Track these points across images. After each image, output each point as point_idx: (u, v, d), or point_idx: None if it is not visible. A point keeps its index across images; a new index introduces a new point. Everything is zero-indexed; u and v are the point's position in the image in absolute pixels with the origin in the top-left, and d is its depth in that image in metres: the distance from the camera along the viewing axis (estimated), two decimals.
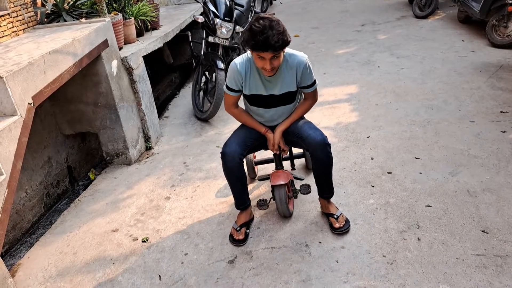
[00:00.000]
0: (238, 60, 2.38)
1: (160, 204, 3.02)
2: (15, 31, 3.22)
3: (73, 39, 2.86)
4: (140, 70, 3.69)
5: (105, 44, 3.22)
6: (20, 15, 3.25)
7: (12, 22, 3.19)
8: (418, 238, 2.38)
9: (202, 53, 4.37)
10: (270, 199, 2.67)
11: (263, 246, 2.48)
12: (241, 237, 2.52)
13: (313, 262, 2.31)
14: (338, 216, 2.52)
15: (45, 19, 3.45)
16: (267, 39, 2.06)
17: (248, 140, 2.49)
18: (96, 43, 3.10)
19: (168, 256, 2.51)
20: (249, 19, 4.83)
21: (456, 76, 4.54)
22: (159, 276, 2.38)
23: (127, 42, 3.80)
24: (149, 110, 3.86)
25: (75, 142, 3.74)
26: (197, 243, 2.57)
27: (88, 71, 3.25)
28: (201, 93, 4.48)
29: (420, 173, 2.95)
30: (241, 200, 2.58)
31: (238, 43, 4.60)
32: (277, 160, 2.62)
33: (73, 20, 3.46)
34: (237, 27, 4.39)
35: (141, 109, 3.73)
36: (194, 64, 4.66)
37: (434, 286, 2.06)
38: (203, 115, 4.25)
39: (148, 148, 3.87)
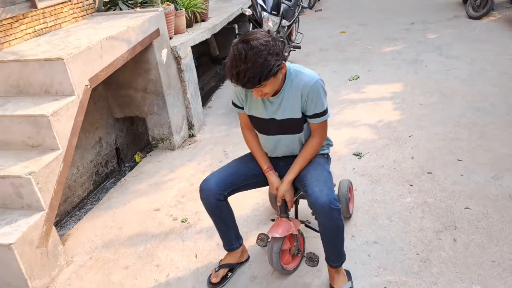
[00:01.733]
0: None
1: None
2: (75, 17, 3.44)
3: (128, 27, 3.02)
4: (188, 60, 3.83)
5: (157, 33, 3.38)
6: (80, 2, 3.46)
7: (72, 9, 3.40)
8: (454, 239, 2.36)
9: None
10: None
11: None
12: (214, 280, 2.22)
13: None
14: None
15: (103, 7, 3.66)
16: (239, 74, 1.71)
17: (236, 178, 2.13)
18: (148, 32, 3.26)
19: (205, 237, 2.62)
20: (296, 14, 4.86)
21: (507, 79, 4.37)
22: (196, 255, 2.50)
23: (177, 32, 3.94)
24: (194, 99, 4.00)
25: (124, 126, 3.94)
26: None
27: (140, 58, 3.42)
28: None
29: (462, 175, 2.90)
30: (226, 241, 2.27)
31: (283, 37, 4.65)
32: (282, 205, 2.16)
33: (128, 9, 3.64)
34: (284, 21, 4.44)
35: (187, 97, 3.87)
36: None
37: (467, 286, 2.05)
38: None
39: (191, 136, 4.01)
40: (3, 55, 2.66)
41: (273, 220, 2.27)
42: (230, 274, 2.29)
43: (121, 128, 3.91)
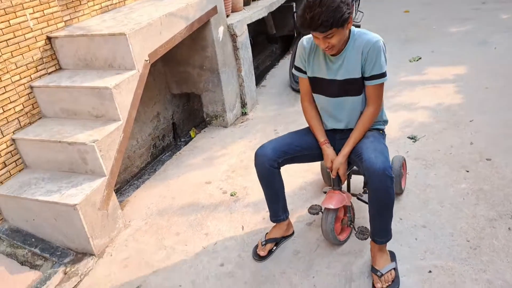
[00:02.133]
0: (306, 37, 2.13)
1: (249, 165, 3.22)
2: None
3: (187, 4, 3.12)
4: (244, 38, 3.88)
5: (214, 10, 3.45)
6: None
7: None
8: (509, 228, 2.26)
9: None
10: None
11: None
12: (262, 253, 2.30)
13: None
14: (382, 274, 2.02)
15: None
16: (313, 17, 1.79)
17: (292, 148, 2.17)
18: (206, 9, 3.34)
19: (252, 211, 2.71)
20: None
21: None
22: (242, 226, 2.59)
23: (234, 10, 3.99)
24: (248, 77, 4.05)
25: (180, 102, 4.10)
26: None
27: (197, 36, 3.52)
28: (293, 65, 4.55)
29: None
30: (273, 212, 2.32)
31: None
32: (336, 178, 2.19)
33: None
34: None
35: (241, 75, 3.94)
36: (295, 35, 4.73)
37: None
38: (298, 86, 4.32)
39: (244, 114, 4.09)
40: (73, 30, 2.85)
41: (325, 192, 2.34)
42: (275, 248, 2.35)
43: (177, 104, 4.07)
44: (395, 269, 2.07)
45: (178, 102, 4.06)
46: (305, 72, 2.16)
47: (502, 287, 1.94)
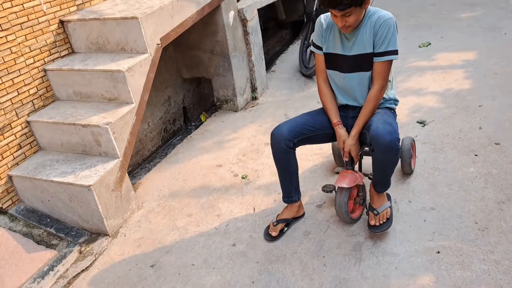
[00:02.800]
0: (324, 14, 2.21)
1: (260, 149, 3.26)
2: None
3: None
4: (254, 23, 3.88)
5: None
6: None
7: None
8: None
9: (314, 10, 4.41)
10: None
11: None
12: (274, 233, 2.35)
13: (399, 217, 2.37)
14: (378, 213, 2.22)
15: None
16: None
17: (306, 128, 2.22)
18: None
19: (263, 193, 2.75)
20: None
21: None
22: (254, 208, 2.64)
23: None
24: (258, 62, 4.07)
25: (191, 86, 4.13)
26: None
27: (208, 20, 3.53)
28: (309, 49, 4.55)
29: None
30: (286, 192, 2.36)
31: None
32: (348, 160, 2.25)
33: None
34: None
35: (251, 60, 3.95)
36: (305, 20, 4.72)
37: None
38: (307, 71, 4.34)
39: (254, 98, 4.11)
40: (85, 14, 2.88)
41: (337, 173, 2.41)
42: (286, 228, 2.40)
43: (188, 89, 4.10)
44: (390, 207, 2.26)
45: (188, 86, 4.09)
46: (321, 48, 2.22)
47: (509, 267, 1.97)
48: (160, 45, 2.83)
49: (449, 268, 2.02)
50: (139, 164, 3.50)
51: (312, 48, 2.30)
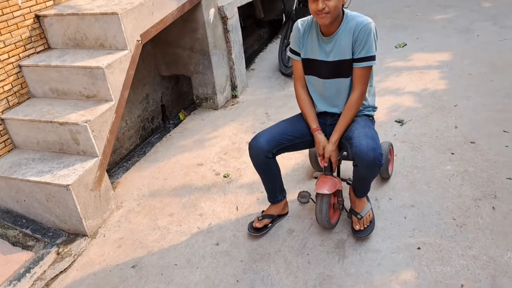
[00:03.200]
0: (301, 19, 2.18)
1: (241, 147, 3.25)
2: None
3: None
4: (234, 20, 3.86)
5: None
6: None
7: None
8: (493, 207, 2.36)
9: (294, 8, 4.43)
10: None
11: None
12: (258, 225, 2.34)
13: (381, 215, 2.41)
14: (362, 217, 2.24)
15: None
16: None
17: (285, 138, 2.20)
18: None
19: (246, 192, 2.74)
20: None
21: None
22: (236, 207, 2.63)
23: None
24: (238, 60, 4.05)
25: (170, 84, 4.08)
26: None
27: (188, 17, 3.49)
28: (288, 48, 4.56)
29: (507, 146, 2.85)
30: (271, 194, 2.38)
31: None
32: (328, 165, 2.23)
33: None
34: None
35: (231, 58, 3.93)
36: (284, 19, 4.74)
37: (501, 253, 2.07)
38: (287, 70, 4.36)
39: (234, 96, 4.10)
40: (62, 9, 2.79)
41: (315, 177, 2.34)
42: (270, 224, 2.39)
43: (167, 86, 4.05)
44: (371, 209, 2.30)
45: (167, 84, 4.04)
46: (299, 55, 2.19)
47: (487, 262, 2.04)
48: (140, 42, 2.78)
49: (430, 264, 2.07)
50: (117, 163, 3.44)
51: (289, 53, 2.26)
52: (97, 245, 2.49)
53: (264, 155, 2.15)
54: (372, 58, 2.04)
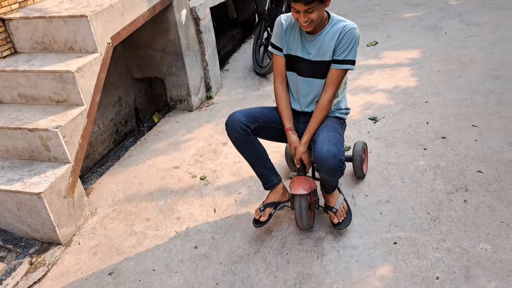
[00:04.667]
0: (284, 15, 2.18)
1: (217, 148, 3.23)
2: None
3: None
4: (207, 21, 3.84)
5: None
6: None
7: None
8: (465, 200, 2.43)
9: (266, 8, 4.44)
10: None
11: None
12: (263, 218, 2.23)
13: (357, 211, 2.44)
14: (336, 210, 2.25)
15: None
16: None
17: (260, 117, 2.17)
18: None
19: (223, 194, 2.73)
20: None
21: None
22: (214, 209, 2.61)
23: None
24: (212, 61, 4.03)
25: (142, 86, 4.02)
26: (250, 185, 2.77)
27: (159, 18, 3.44)
28: (262, 48, 4.58)
29: (476, 140, 2.93)
30: (264, 178, 2.28)
31: None
32: (301, 166, 2.22)
33: None
34: None
35: (205, 59, 3.91)
36: (257, 19, 4.74)
37: (474, 244, 2.13)
38: (262, 70, 4.36)
39: (209, 98, 4.07)
40: (28, 12, 2.71)
41: (291, 178, 2.32)
42: (273, 211, 2.28)
43: (140, 89, 3.99)
44: (345, 199, 2.32)
45: (140, 86, 3.98)
46: (281, 50, 2.18)
47: (461, 254, 2.09)
48: (111, 44, 2.73)
49: (406, 258, 2.11)
50: (90, 168, 3.36)
51: (270, 48, 2.24)
52: (72, 253, 2.43)
53: (241, 128, 2.09)
54: (352, 62, 2.06)
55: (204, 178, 2.91)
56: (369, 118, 3.36)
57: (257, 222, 2.26)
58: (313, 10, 1.91)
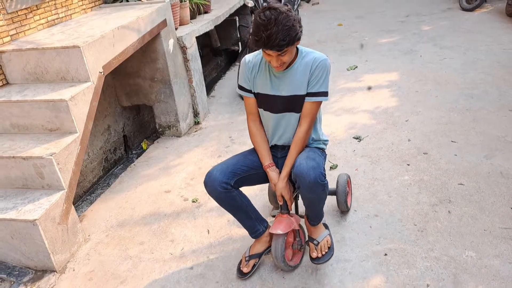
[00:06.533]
0: (249, 55, 2.11)
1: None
2: (84, 9, 3.57)
3: (137, 17, 3.16)
4: (193, 50, 3.97)
5: (164, 23, 3.52)
6: None
7: (81, 0, 3.53)
8: (449, 211, 2.54)
9: (249, 36, 4.61)
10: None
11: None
12: (245, 269, 2.23)
13: (348, 226, 2.52)
14: (318, 242, 2.19)
15: None
16: (270, 36, 1.76)
17: (239, 168, 2.11)
18: (156, 22, 3.40)
19: (215, 215, 2.78)
20: (296, 7, 5.00)
21: (499, 67, 4.55)
22: (208, 230, 2.65)
23: (181, 23, 4.08)
24: (199, 88, 4.14)
25: (131, 114, 4.09)
26: None
27: (148, 48, 3.56)
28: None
29: (456, 155, 3.08)
30: (250, 229, 2.26)
31: None
32: (283, 203, 2.15)
33: (135, 0, 3.78)
34: None
35: (192, 86, 4.02)
36: (240, 47, 4.90)
37: (460, 252, 2.23)
38: None
39: (197, 123, 4.16)
40: (20, 44, 2.79)
41: (273, 216, 2.30)
42: (258, 262, 2.28)
43: (128, 116, 4.05)
44: (329, 235, 2.25)
45: (128, 114, 4.05)
46: (249, 91, 2.13)
47: (448, 262, 2.18)
48: (102, 73, 2.81)
49: (397, 268, 2.19)
50: (80, 196, 3.38)
51: (238, 90, 2.19)
52: (67, 279, 2.43)
53: (220, 186, 2.04)
54: (325, 94, 2.02)
55: (196, 200, 2.96)
56: (354, 137, 3.49)
57: (241, 274, 2.25)
58: (285, 54, 1.86)
